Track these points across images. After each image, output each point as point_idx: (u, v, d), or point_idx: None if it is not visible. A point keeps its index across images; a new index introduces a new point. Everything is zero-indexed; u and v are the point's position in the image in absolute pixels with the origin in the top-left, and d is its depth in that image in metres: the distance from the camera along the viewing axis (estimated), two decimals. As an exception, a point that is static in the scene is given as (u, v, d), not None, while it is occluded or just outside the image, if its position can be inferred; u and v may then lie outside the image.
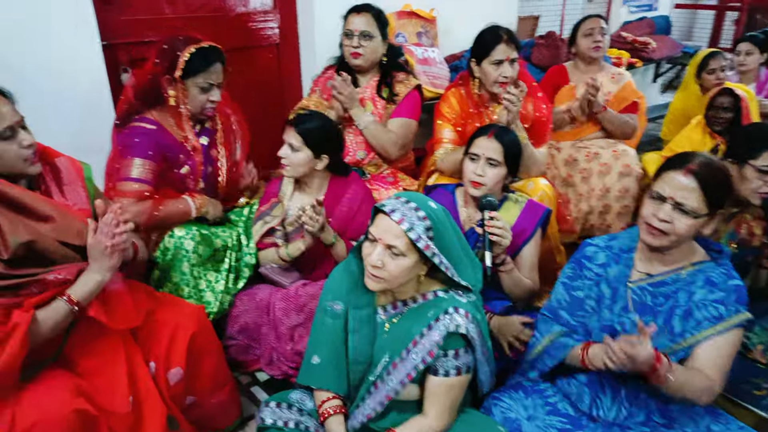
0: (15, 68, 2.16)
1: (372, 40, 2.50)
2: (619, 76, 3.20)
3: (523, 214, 2.10)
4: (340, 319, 1.57)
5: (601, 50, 3.14)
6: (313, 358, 1.58)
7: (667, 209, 1.47)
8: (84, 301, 1.41)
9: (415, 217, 1.39)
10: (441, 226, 1.44)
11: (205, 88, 2.04)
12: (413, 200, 1.44)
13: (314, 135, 2.10)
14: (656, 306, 1.55)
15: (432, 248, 1.40)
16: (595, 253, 1.68)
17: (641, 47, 4.76)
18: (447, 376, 1.43)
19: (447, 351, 1.42)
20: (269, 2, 3.08)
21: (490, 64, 2.43)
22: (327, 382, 1.56)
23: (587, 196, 3.05)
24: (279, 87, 3.29)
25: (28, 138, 1.45)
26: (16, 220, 1.35)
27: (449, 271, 1.44)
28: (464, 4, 3.71)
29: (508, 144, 2.03)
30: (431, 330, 1.42)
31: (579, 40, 3.16)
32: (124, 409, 1.45)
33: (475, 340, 1.43)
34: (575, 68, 3.25)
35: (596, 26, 3.11)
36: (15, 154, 1.41)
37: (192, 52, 1.98)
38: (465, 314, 1.42)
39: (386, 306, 1.56)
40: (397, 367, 1.45)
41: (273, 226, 2.24)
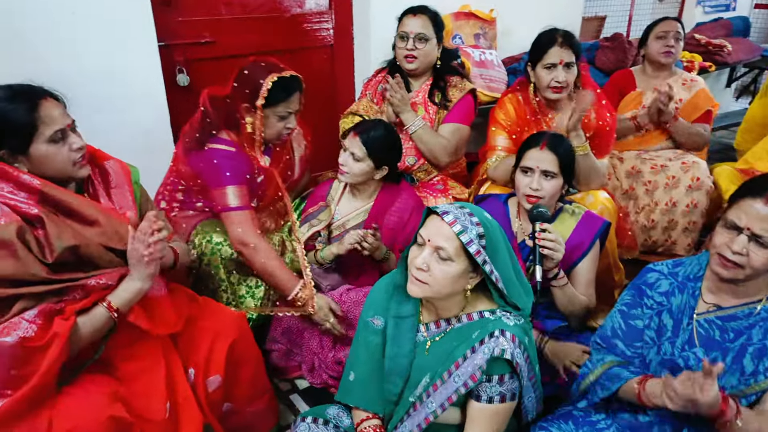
0: (73, 70, 2.21)
1: (427, 43, 2.43)
2: (692, 82, 2.99)
3: (579, 227, 1.99)
4: (379, 336, 1.52)
5: (673, 56, 2.95)
6: (350, 375, 1.55)
7: (743, 241, 1.33)
8: (123, 308, 1.41)
9: (468, 221, 1.33)
10: (495, 237, 1.37)
11: (283, 116, 2.02)
12: (468, 207, 1.39)
13: (379, 146, 2.07)
14: (725, 342, 1.41)
15: (483, 255, 1.32)
16: (657, 280, 1.55)
17: (715, 50, 4.46)
18: (490, 402, 1.35)
19: (491, 376, 1.34)
20: (325, 3, 3.05)
21: (543, 68, 2.33)
22: (364, 401, 1.52)
23: (650, 210, 2.87)
24: (332, 88, 3.26)
25: (78, 141, 1.45)
26: (62, 224, 1.36)
27: (499, 283, 1.36)
28: (526, 4, 3.57)
29: (563, 153, 1.92)
30: (475, 353, 1.34)
31: (650, 42, 2.97)
32: (160, 416, 1.44)
33: (521, 366, 1.34)
34: (643, 73, 3.07)
35: (671, 30, 2.92)
36: (65, 157, 1.42)
37: (274, 80, 1.94)
38: (511, 338, 1.33)
39: (429, 324, 1.49)
40: (437, 389, 1.38)
41: (318, 231, 2.21)
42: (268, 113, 1.99)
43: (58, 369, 1.29)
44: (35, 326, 1.25)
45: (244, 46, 2.81)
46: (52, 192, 1.37)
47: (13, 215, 1.28)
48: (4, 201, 1.29)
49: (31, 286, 1.28)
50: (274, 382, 2.15)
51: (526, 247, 2.00)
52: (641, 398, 1.41)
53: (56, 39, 2.19)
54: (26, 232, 1.29)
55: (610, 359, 1.55)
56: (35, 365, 1.25)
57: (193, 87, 2.69)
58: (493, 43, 3.44)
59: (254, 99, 1.94)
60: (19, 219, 1.29)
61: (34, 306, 1.28)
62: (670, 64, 2.98)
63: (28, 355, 1.24)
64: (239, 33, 2.79)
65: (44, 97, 1.40)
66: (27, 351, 1.24)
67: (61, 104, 1.45)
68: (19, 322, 1.24)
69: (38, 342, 1.25)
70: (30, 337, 1.24)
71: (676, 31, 2.92)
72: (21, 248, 1.27)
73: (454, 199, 2.50)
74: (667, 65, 2.98)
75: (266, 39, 2.89)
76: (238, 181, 1.98)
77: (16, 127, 1.34)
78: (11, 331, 1.23)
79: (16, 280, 1.27)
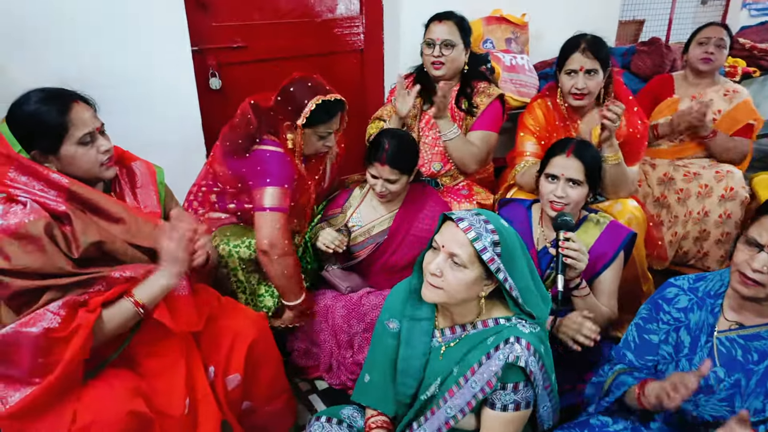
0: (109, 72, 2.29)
1: (454, 49, 2.42)
2: (735, 93, 2.86)
3: (603, 236, 1.96)
4: (395, 339, 1.53)
5: (712, 63, 2.83)
6: (366, 377, 1.57)
7: (764, 258, 1.29)
8: (149, 304, 1.44)
9: (483, 229, 1.33)
10: (511, 245, 1.36)
11: (323, 136, 2.06)
12: (484, 214, 1.38)
13: (405, 161, 2.08)
14: (748, 363, 1.37)
15: (497, 263, 1.32)
16: (676, 295, 1.51)
17: (761, 54, 4.30)
18: (505, 410, 1.35)
19: (506, 384, 1.33)
20: (356, 9, 3.08)
21: (565, 74, 2.30)
22: (378, 402, 1.54)
23: (683, 219, 2.79)
24: (361, 93, 3.29)
25: (106, 144, 1.50)
26: (88, 221, 1.42)
27: (514, 291, 1.36)
28: (559, 7, 3.53)
29: (590, 161, 1.90)
30: (490, 359, 1.34)
31: (692, 48, 2.87)
32: (179, 412, 1.49)
33: (535, 375, 1.33)
34: (684, 79, 2.96)
35: (713, 36, 2.82)
36: (93, 158, 1.47)
37: (318, 103, 1.97)
38: (526, 345, 1.32)
39: (444, 329, 1.49)
40: (454, 394, 1.39)
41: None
42: (308, 132, 2.02)
43: (83, 359, 1.34)
44: (59, 317, 1.30)
45: (275, 50, 2.87)
46: (80, 190, 1.42)
47: (42, 212, 1.34)
48: (34, 198, 1.35)
49: (57, 278, 1.34)
50: (294, 382, 2.19)
51: (547, 254, 1.98)
52: (640, 401, 1.40)
53: (95, 43, 2.28)
54: (54, 227, 1.34)
55: (619, 367, 1.54)
56: (59, 355, 1.30)
57: (225, 90, 2.76)
58: (525, 48, 3.41)
59: (296, 118, 1.97)
60: (47, 215, 1.35)
61: (60, 297, 1.34)
62: (709, 71, 2.87)
63: (51, 346, 1.29)
64: (271, 38, 2.85)
65: (75, 101, 1.46)
66: (51, 341, 1.29)
67: (92, 108, 1.51)
68: (44, 313, 1.29)
69: (62, 333, 1.30)
70: (54, 328, 1.29)
71: (719, 38, 2.81)
72: (48, 243, 1.32)
73: (478, 204, 2.48)
74: (708, 72, 2.88)
75: (297, 43, 2.93)
76: (281, 182, 1.99)
77: (48, 129, 1.40)
78: (36, 322, 1.28)
79: (44, 273, 1.33)
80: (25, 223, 1.31)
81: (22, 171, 1.38)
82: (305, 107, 1.95)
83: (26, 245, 1.31)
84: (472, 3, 3.20)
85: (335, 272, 2.21)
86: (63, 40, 2.21)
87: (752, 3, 4.94)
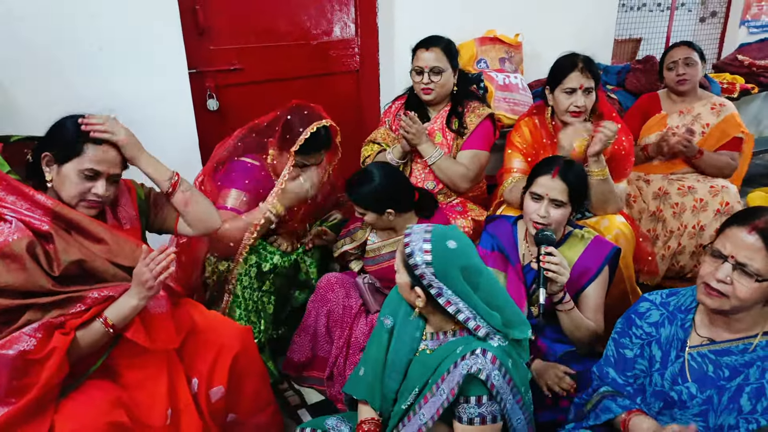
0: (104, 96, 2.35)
1: (442, 75, 2.47)
2: (721, 107, 2.91)
3: (587, 251, 1.97)
4: (389, 334, 1.60)
5: (688, 83, 2.90)
6: (361, 370, 1.64)
7: (727, 269, 1.31)
8: (119, 324, 1.48)
9: (419, 247, 1.42)
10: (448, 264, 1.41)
11: (306, 164, 2.21)
12: (433, 233, 1.45)
13: (367, 199, 2.14)
14: (719, 379, 1.38)
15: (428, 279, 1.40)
16: (648, 310, 1.53)
17: (760, 71, 4.33)
18: (471, 423, 1.37)
19: (469, 397, 1.37)
20: (351, 31, 3.16)
21: (562, 92, 2.33)
22: (368, 395, 1.59)
23: (678, 233, 2.80)
24: (357, 113, 3.35)
25: (101, 190, 1.55)
26: (71, 240, 1.48)
27: (450, 307, 1.41)
28: (554, 27, 3.59)
29: (574, 182, 1.92)
30: (456, 368, 1.38)
31: (664, 73, 2.95)
32: (160, 422, 1.53)
33: (499, 388, 1.35)
34: (668, 97, 3.02)
35: (679, 58, 2.89)
36: (79, 191, 1.54)
37: (312, 132, 2.12)
38: (491, 359, 1.35)
39: (432, 334, 1.54)
40: (428, 401, 1.42)
41: (348, 250, 2.31)
42: (297, 158, 2.16)
43: (59, 380, 1.38)
44: (35, 340, 1.34)
45: (272, 72, 2.95)
46: (63, 212, 1.49)
47: (26, 231, 1.40)
48: (20, 217, 1.42)
49: (38, 297, 1.39)
50: (283, 395, 2.22)
51: (531, 270, 2.00)
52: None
53: (94, 67, 2.36)
54: (36, 246, 1.40)
55: (604, 390, 1.55)
56: (34, 377, 1.34)
57: (222, 111, 2.84)
58: (519, 67, 3.46)
59: (290, 145, 2.11)
60: (30, 234, 1.41)
61: (41, 317, 1.39)
62: (689, 89, 2.94)
63: (27, 367, 1.33)
64: (267, 60, 2.93)
65: (109, 144, 1.58)
66: (26, 363, 1.33)
67: (120, 156, 1.62)
68: (20, 336, 1.34)
69: (37, 355, 1.34)
70: (29, 350, 1.33)
71: (685, 57, 2.88)
72: (29, 261, 1.38)
73: (473, 221, 2.52)
74: (689, 90, 2.94)
75: (293, 65, 3.01)
76: (245, 188, 2.13)
77: (69, 143, 1.53)
78: (12, 344, 1.32)
79: (25, 291, 1.39)
80: (9, 242, 1.37)
81: (10, 191, 1.45)
82: (300, 136, 2.10)
83: (9, 264, 1.37)
84: (466, 24, 3.28)
85: (369, 287, 2.25)
86: (62, 65, 2.30)
87: (751, 20, 4.96)
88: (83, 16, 2.29)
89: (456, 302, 1.41)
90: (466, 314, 1.41)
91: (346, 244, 2.32)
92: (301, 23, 3.00)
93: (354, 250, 2.32)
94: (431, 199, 2.33)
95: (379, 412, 1.58)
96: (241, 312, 2.11)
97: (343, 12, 3.10)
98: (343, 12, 3.10)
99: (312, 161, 2.20)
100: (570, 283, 1.85)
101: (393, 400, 1.55)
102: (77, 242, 1.49)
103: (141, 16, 2.40)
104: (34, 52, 2.23)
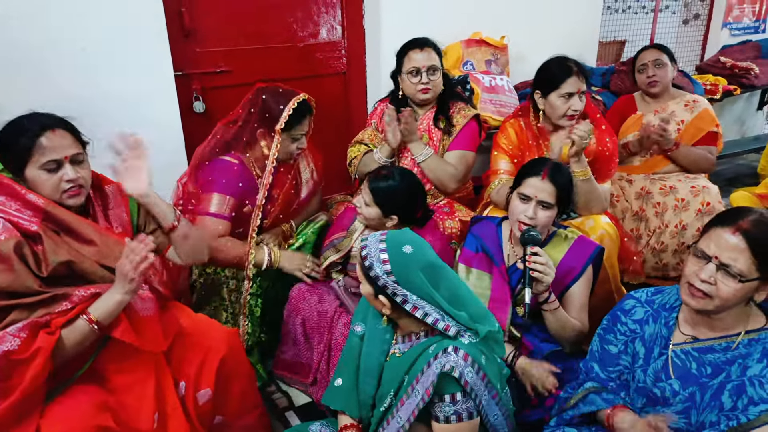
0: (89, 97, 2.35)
1: (438, 74, 2.50)
2: (695, 104, 2.98)
3: (571, 251, 1.99)
4: (360, 341, 1.61)
5: (660, 85, 2.96)
6: (337, 380, 1.63)
7: (711, 269, 1.32)
8: (103, 321, 1.46)
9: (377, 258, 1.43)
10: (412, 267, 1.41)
11: (297, 138, 2.19)
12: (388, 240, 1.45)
13: (384, 196, 2.08)
14: (702, 376, 1.40)
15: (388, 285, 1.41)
16: (633, 307, 1.55)
17: (742, 73, 4.39)
18: (448, 422, 1.39)
19: (443, 395, 1.38)
20: (338, 34, 3.17)
21: (560, 97, 2.34)
22: (346, 406, 1.60)
23: (660, 232, 2.84)
24: (345, 114, 3.36)
25: (71, 173, 1.52)
26: (60, 241, 1.47)
27: (417, 312, 1.41)
28: (539, 30, 3.62)
29: (562, 184, 1.93)
30: (429, 367, 1.39)
31: (636, 75, 3.01)
32: (147, 426, 1.52)
33: (473, 385, 1.37)
34: (642, 99, 3.09)
35: (648, 60, 2.95)
36: (55, 185, 1.51)
37: (294, 107, 2.11)
38: (464, 356, 1.37)
39: (403, 337, 1.55)
40: (404, 404, 1.43)
41: (336, 260, 2.27)
42: (284, 136, 2.14)
43: (44, 381, 1.37)
44: (19, 340, 1.33)
45: (259, 74, 2.93)
46: (55, 211, 1.48)
47: (13, 231, 1.39)
48: (8, 218, 1.41)
49: (24, 297, 1.38)
50: (271, 398, 2.22)
51: (517, 270, 2.01)
52: (611, 428, 1.44)
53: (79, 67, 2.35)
54: (24, 246, 1.40)
55: (590, 385, 1.56)
56: (19, 378, 1.32)
57: (209, 113, 2.83)
58: (505, 69, 3.49)
59: (273, 124, 2.09)
60: (18, 234, 1.40)
61: (27, 316, 1.38)
62: (660, 91, 3.00)
63: (11, 368, 1.32)
64: (254, 62, 2.93)
65: (53, 129, 1.51)
66: (11, 364, 1.32)
67: (71, 134, 1.56)
68: (3, 336, 1.33)
69: (22, 355, 1.33)
70: (14, 350, 1.32)
71: (654, 60, 2.94)
72: (17, 262, 1.37)
73: (460, 221, 2.53)
74: (662, 92, 3.00)
75: (280, 67, 3.02)
76: (227, 191, 2.11)
77: (15, 150, 1.48)
78: None
79: (11, 292, 1.38)
80: None
81: (1, 191, 1.44)
82: (282, 113, 2.08)
83: None
84: (452, 26, 3.31)
85: (346, 291, 2.24)
86: (47, 65, 2.29)
87: (733, 22, 5.04)
88: (68, 17, 2.29)
89: (422, 306, 1.41)
90: (434, 316, 1.42)
91: (332, 255, 2.27)
92: (288, 25, 3.01)
93: (340, 260, 2.29)
94: (429, 215, 2.29)
95: (359, 419, 1.58)
96: (227, 315, 2.11)
97: (330, 14, 3.11)
98: (329, 14, 3.11)
99: (301, 131, 2.18)
100: (554, 283, 1.87)
101: (371, 405, 1.56)
102: (66, 243, 1.48)
103: (126, 17, 2.39)
104: (18, 51, 2.22)
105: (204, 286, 2.17)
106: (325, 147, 3.24)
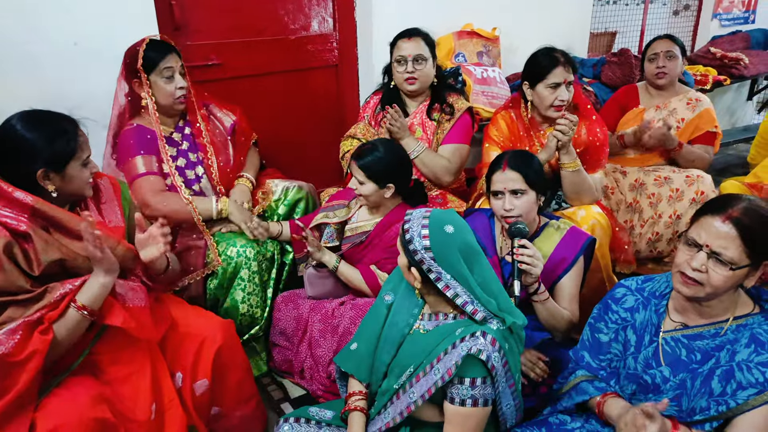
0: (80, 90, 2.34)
1: (425, 64, 2.50)
2: (697, 102, 2.98)
3: (563, 242, 2.01)
4: (387, 310, 1.64)
5: (667, 77, 2.95)
6: (353, 345, 1.67)
7: (702, 258, 1.34)
8: (91, 305, 1.46)
9: (418, 233, 1.44)
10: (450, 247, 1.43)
11: (168, 76, 2.17)
12: (431, 217, 1.47)
13: (374, 167, 2.12)
14: (692, 363, 1.42)
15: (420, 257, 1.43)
16: (624, 295, 1.57)
17: (731, 63, 4.42)
18: (463, 405, 1.40)
19: (464, 378, 1.39)
20: (329, 26, 3.17)
21: (546, 88, 2.35)
22: (356, 369, 1.63)
23: (654, 221, 2.86)
24: (337, 107, 3.36)
25: (96, 166, 1.65)
26: (50, 239, 1.47)
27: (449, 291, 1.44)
28: (531, 21, 3.63)
29: (526, 169, 1.95)
30: (455, 348, 1.40)
31: (645, 64, 2.99)
32: (145, 417, 1.53)
33: (497, 371, 1.38)
34: (646, 91, 3.07)
35: (660, 50, 2.93)
36: (86, 178, 1.61)
37: (147, 43, 2.13)
38: (491, 341, 1.38)
39: (430, 315, 1.57)
40: (420, 380, 1.45)
41: (328, 223, 2.31)
42: (154, 78, 2.16)
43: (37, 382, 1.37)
44: (13, 341, 1.34)
45: (250, 67, 2.94)
46: (44, 208, 1.48)
47: (2, 231, 1.39)
48: None
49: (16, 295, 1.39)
50: (266, 389, 2.23)
51: (508, 263, 2.03)
52: (602, 415, 1.46)
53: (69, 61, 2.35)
54: (14, 246, 1.39)
55: (581, 374, 1.59)
56: (14, 378, 1.33)
57: (201, 107, 2.82)
58: (497, 61, 3.50)
59: (135, 65, 2.11)
60: (7, 234, 1.40)
61: (22, 314, 1.38)
62: (667, 84, 2.99)
63: (7, 369, 1.33)
64: (246, 55, 2.92)
65: (79, 126, 1.60)
66: (6, 366, 1.33)
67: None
68: None
69: (16, 357, 1.33)
70: (8, 352, 1.33)
71: (667, 50, 2.93)
72: (7, 262, 1.38)
73: (452, 212, 2.54)
74: (667, 85, 2.99)
75: (272, 60, 3.01)
76: (144, 150, 2.15)
77: (62, 149, 1.53)
78: None
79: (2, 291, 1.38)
80: None
81: None
82: (138, 52, 2.11)
83: None
84: (444, 18, 3.31)
85: (310, 274, 2.27)
86: (37, 60, 2.28)
87: (723, 13, 5.06)
88: (58, 11, 2.28)
89: (454, 287, 1.44)
90: (464, 298, 1.44)
91: (327, 218, 2.31)
92: (279, 18, 3.00)
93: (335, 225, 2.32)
94: (422, 192, 2.34)
95: (367, 384, 1.62)
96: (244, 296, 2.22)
97: (321, 6, 3.11)
98: (320, 6, 3.11)
99: (168, 65, 2.16)
100: (546, 274, 1.89)
101: (383, 374, 1.58)
102: (57, 241, 1.48)
103: (116, 11, 2.38)
104: (7, 46, 2.21)
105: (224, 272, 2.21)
106: (317, 140, 3.26)
